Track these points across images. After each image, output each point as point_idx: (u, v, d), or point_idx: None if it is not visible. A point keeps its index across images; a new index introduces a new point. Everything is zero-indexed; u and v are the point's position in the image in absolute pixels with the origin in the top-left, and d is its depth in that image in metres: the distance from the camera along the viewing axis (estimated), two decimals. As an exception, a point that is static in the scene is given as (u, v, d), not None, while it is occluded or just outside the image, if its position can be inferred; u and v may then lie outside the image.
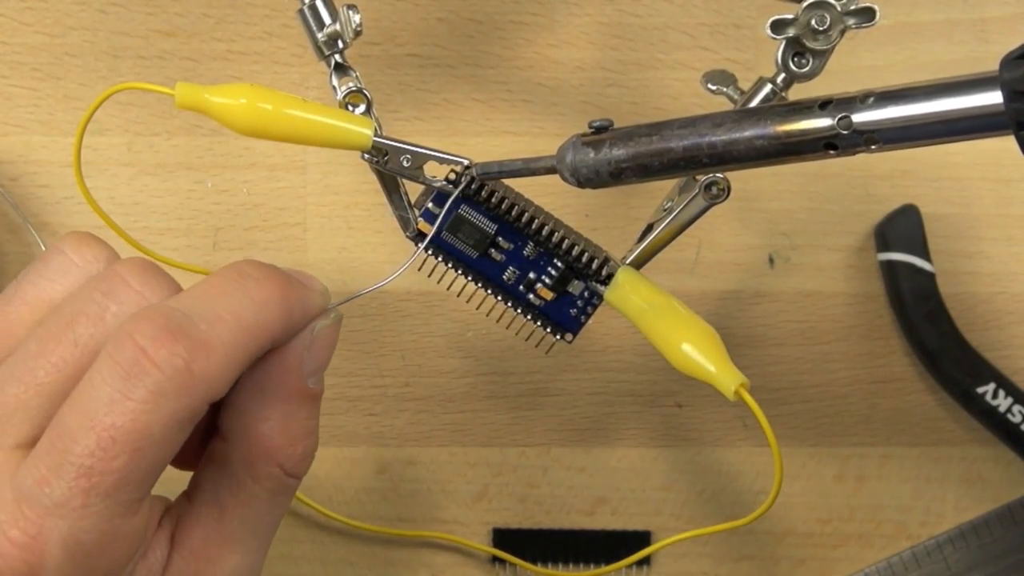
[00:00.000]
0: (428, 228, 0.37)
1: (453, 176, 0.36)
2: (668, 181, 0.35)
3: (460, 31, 0.46)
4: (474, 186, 0.36)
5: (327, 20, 0.36)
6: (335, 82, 0.36)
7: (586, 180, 0.33)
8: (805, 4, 0.33)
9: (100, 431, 0.27)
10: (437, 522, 0.46)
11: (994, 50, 0.46)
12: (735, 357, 0.35)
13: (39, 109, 0.45)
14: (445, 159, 0.36)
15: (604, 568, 0.45)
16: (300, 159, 0.46)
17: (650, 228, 0.37)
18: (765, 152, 0.31)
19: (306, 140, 0.34)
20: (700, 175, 0.35)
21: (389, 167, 0.36)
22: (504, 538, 0.46)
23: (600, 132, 0.33)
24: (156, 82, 0.35)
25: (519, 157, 0.35)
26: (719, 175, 0.35)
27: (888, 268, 0.45)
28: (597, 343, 0.46)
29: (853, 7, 0.33)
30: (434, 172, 0.36)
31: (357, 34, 0.36)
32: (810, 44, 0.33)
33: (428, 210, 0.37)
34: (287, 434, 0.31)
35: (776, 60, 0.34)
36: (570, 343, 0.38)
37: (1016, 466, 0.46)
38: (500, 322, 0.38)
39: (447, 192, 0.36)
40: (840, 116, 0.30)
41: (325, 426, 0.33)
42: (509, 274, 0.37)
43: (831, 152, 0.30)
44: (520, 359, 0.46)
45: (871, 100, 0.30)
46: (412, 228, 0.37)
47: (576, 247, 0.37)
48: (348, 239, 0.46)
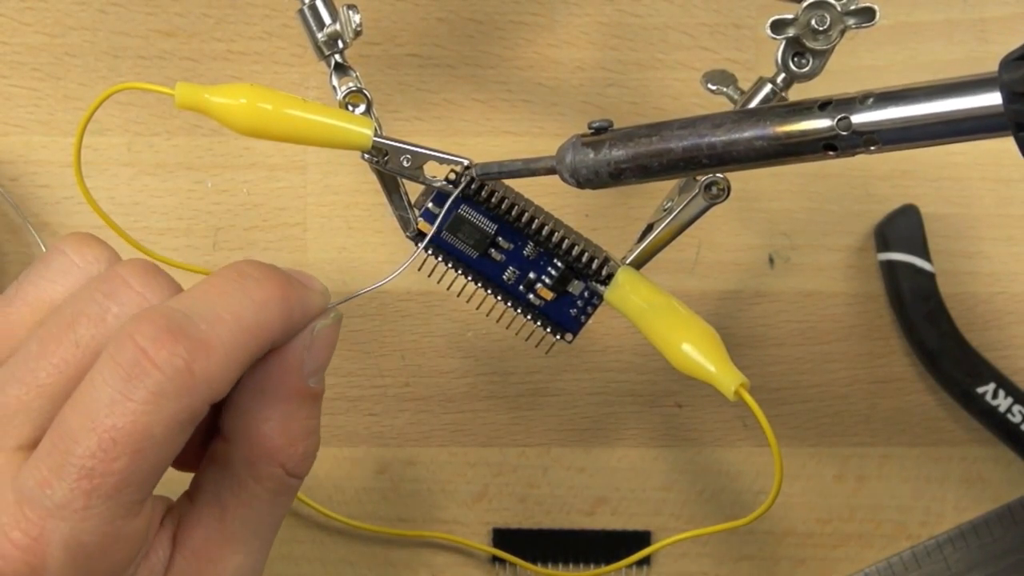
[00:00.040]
0: (428, 228, 0.37)
1: (453, 176, 0.36)
2: (668, 181, 0.35)
3: (460, 31, 0.46)
4: (474, 186, 0.36)
5: (327, 20, 0.36)
6: (335, 82, 0.36)
7: (586, 181, 0.33)
8: (805, 4, 0.33)
9: (101, 432, 0.27)
10: (437, 522, 0.46)
11: (994, 50, 0.46)
12: (735, 357, 0.35)
13: (39, 109, 0.45)
14: (445, 159, 0.36)
15: (604, 568, 0.45)
16: (300, 159, 0.46)
17: (650, 228, 0.37)
18: (764, 153, 0.31)
19: (306, 140, 0.34)
20: (700, 175, 0.35)
21: (389, 167, 0.36)
22: (504, 538, 0.46)
23: (600, 133, 0.33)
24: (156, 82, 0.35)
25: (519, 157, 0.35)
26: (719, 175, 0.35)
27: (888, 268, 0.45)
28: (597, 343, 0.46)
29: (853, 7, 0.33)
30: (434, 172, 0.36)
31: (357, 34, 0.36)
32: (810, 44, 0.33)
33: (428, 210, 0.37)
34: (288, 434, 0.31)
35: (776, 60, 0.34)
36: (570, 343, 0.38)
37: (1016, 466, 0.46)
38: (500, 322, 0.38)
39: (447, 192, 0.36)
40: (839, 117, 0.30)
41: (325, 426, 0.33)
42: (509, 274, 0.37)
43: (830, 153, 0.30)
44: (520, 359, 0.46)
45: (870, 101, 0.30)
46: (412, 228, 0.37)
47: (576, 247, 0.37)
48: (348, 239, 0.46)
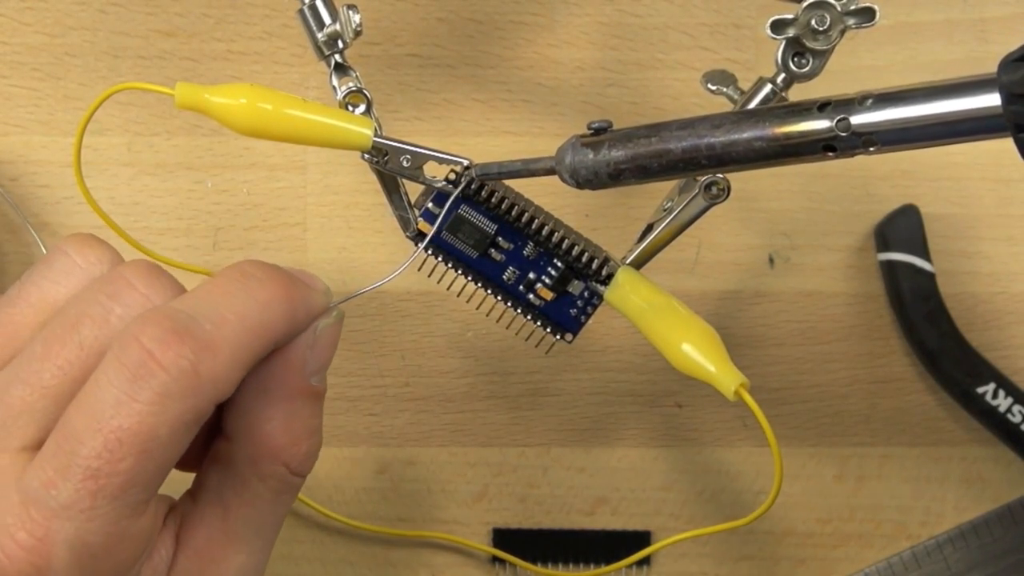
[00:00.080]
0: (428, 228, 0.37)
1: (453, 176, 0.36)
2: (668, 181, 0.35)
3: (460, 31, 0.46)
4: (474, 186, 0.36)
5: (327, 20, 0.36)
6: (335, 82, 0.36)
7: (585, 181, 0.33)
8: (805, 4, 0.33)
9: (107, 433, 0.27)
10: (437, 522, 0.46)
11: (994, 50, 0.46)
12: (735, 357, 0.35)
13: (39, 109, 0.45)
14: (445, 159, 0.36)
15: (604, 568, 0.45)
16: (300, 159, 0.46)
17: (650, 228, 0.37)
18: (764, 154, 0.31)
19: (306, 140, 0.34)
20: (699, 176, 0.35)
21: (389, 167, 0.36)
22: (504, 538, 0.46)
23: (599, 133, 0.33)
24: (156, 82, 0.35)
25: (519, 158, 0.35)
26: (719, 175, 0.35)
27: (888, 268, 0.45)
28: (597, 343, 0.46)
29: (853, 7, 0.33)
30: (434, 172, 0.36)
31: (357, 34, 0.36)
32: (810, 44, 0.33)
33: (428, 210, 0.37)
34: (291, 433, 0.31)
35: (776, 60, 0.34)
36: (570, 343, 0.38)
37: (1016, 466, 0.46)
38: (500, 322, 0.38)
39: (447, 192, 0.36)
40: (838, 118, 0.30)
41: (325, 426, 0.33)
42: (509, 274, 0.37)
43: (830, 154, 0.30)
44: (520, 359, 0.46)
45: (869, 102, 0.30)
46: (412, 228, 0.37)
47: (576, 247, 0.37)
48: (348, 239, 0.46)
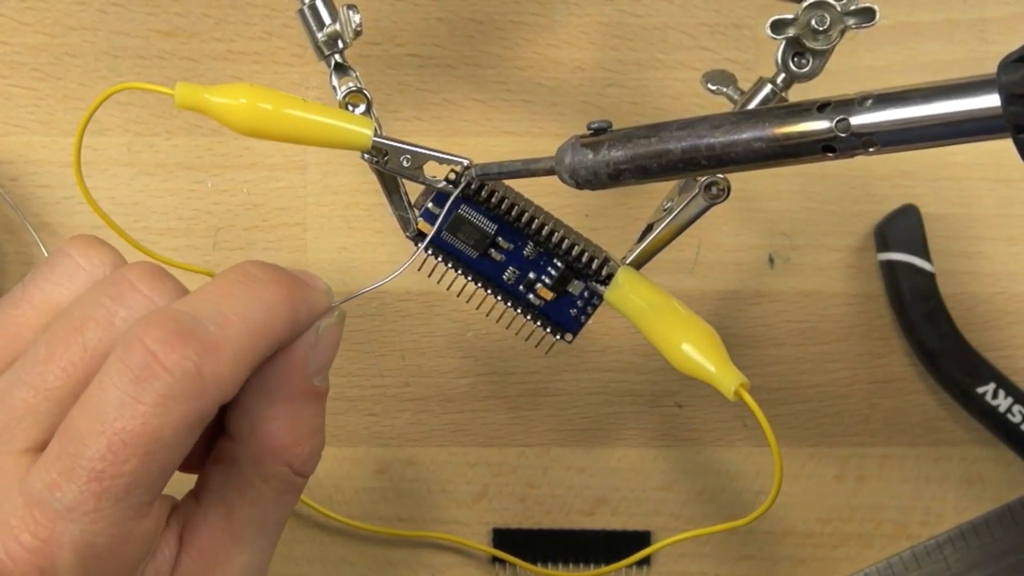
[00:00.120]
0: (428, 228, 0.37)
1: (453, 176, 0.36)
2: (668, 181, 0.35)
3: (460, 31, 0.46)
4: (474, 186, 0.36)
5: (327, 20, 0.36)
6: (335, 82, 0.36)
7: (585, 181, 0.33)
8: (805, 4, 0.33)
9: (111, 435, 0.27)
10: (437, 522, 0.46)
11: (994, 50, 0.46)
12: (735, 357, 0.35)
13: (39, 109, 0.45)
14: (445, 159, 0.36)
15: (604, 568, 0.45)
16: (300, 159, 0.46)
17: (650, 228, 0.37)
18: (763, 154, 0.31)
19: (306, 140, 0.34)
20: (699, 176, 0.35)
21: (389, 167, 0.36)
22: (504, 538, 0.46)
23: (599, 133, 0.33)
24: (156, 82, 0.35)
25: (518, 158, 0.35)
26: (719, 175, 0.35)
27: (888, 268, 0.45)
28: (597, 343, 0.46)
29: (853, 7, 0.33)
30: (434, 172, 0.36)
31: (357, 34, 0.36)
32: (810, 44, 0.33)
33: (428, 210, 0.37)
34: (294, 433, 0.31)
35: (776, 60, 0.34)
36: (570, 343, 0.38)
37: (1016, 466, 0.46)
38: (500, 322, 0.38)
39: (447, 192, 0.36)
40: (838, 119, 0.30)
41: (325, 426, 0.33)
42: (509, 274, 0.37)
43: (829, 155, 0.30)
44: (520, 359, 0.46)
45: (869, 103, 0.30)
46: (412, 228, 0.37)
47: (576, 247, 0.37)
48: (348, 239, 0.46)
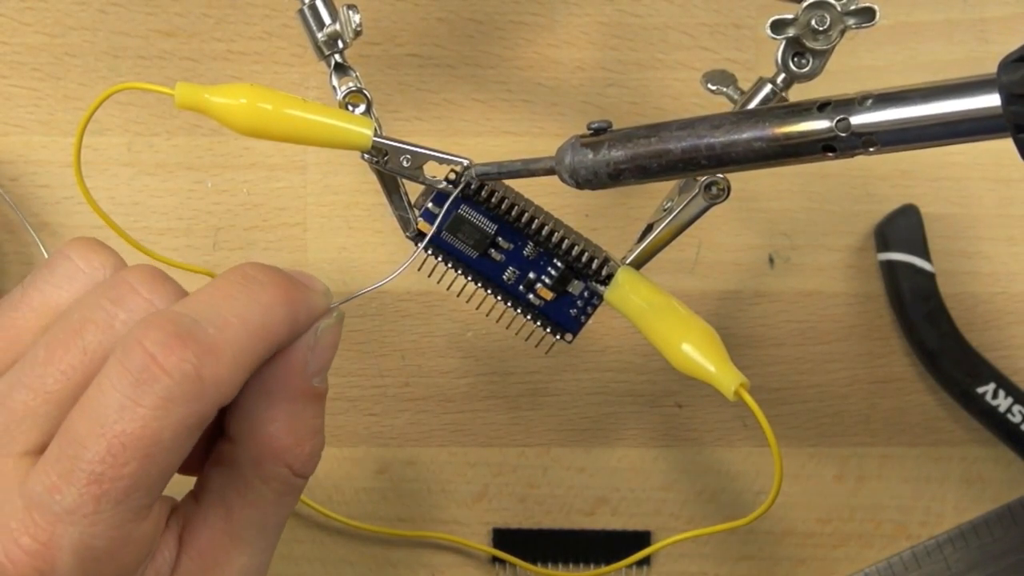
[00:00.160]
0: (428, 228, 0.37)
1: (453, 176, 0.36)
2: (668, 181, 0.35)
3: (460, 31, 0.46)
4: (474, 186, 0.36)
5: (327, 20, 0.36)
6: (335, 82, 0.36)
7: (585, 181, 0.33)
8: (805, 4, 0.33)
9: (110, 438, 0.27)
10: (437, 522, 0.46)
11: (994, 50, 0.46)
12: (735, 357, 0.35)
13: (39, 109, 0.45)
14: (445, 159, 0.36)
15: (604, 568, 0.45)
16: (300, 159, 0.46)
17: (650, 228, 0.37)
18: (763, 154, 0.31)
19: (306, 140, 0.34)
20: (699, 176, 0.35)
21: (389, 167, 0.36)
22: (504, 538, 0.46)
23: (599, 133, 0.33)
24: (156, 82, 0.35)
25: (518, 158, 0.35)
26: (719, 175, 0.35)
27: (888, 268, 0.45)
28: (597, 343, 0.46)
29: (853, 7, 0.33)
30: (434, 172, 0.36)
31: (357, 34, 0.36)
32: (810, 44, 0.33)
33: (428, 210, 0.37)
34: (294, 434, 0.31)
35: (776, 60, 0.34)
36: (570, 343, 0.38)
37: (1016, 466, 0.46)
38: (500, 322, 0.38)
39: (447, 192, 0.36)
40: (838, 118, 0.30)
41: (325, 426, 0.33)
42: (509, 274, 0.37)
43: (829, 154, 0.30)
44: (520, 359, 0.46)
45: (869, 102, 0.30)
46: (412, 228, 0.37)
47: (576, 247, 0.37)
48: (348, 239, 0.46)
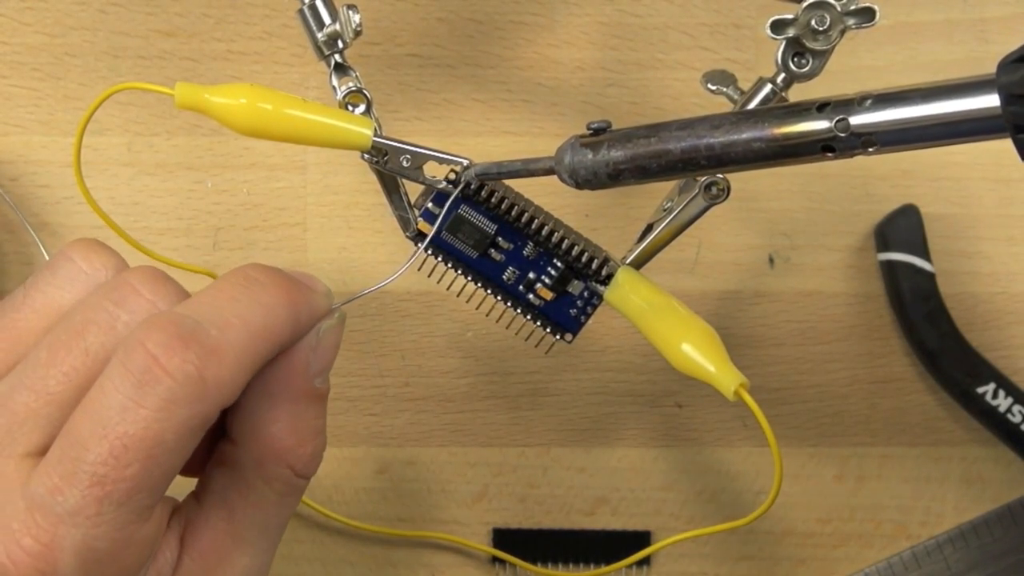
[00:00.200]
0: (428, 228, 0.37)
1: (453, 176, 0.36)
2: (668, 181, 0.35)
3: (460, 31, 0.46)
4: (474, 186, 0.36)
5: (327, 20, 0.36)
6: (335, 82, 0.36)
7: (584, 181, 0.33)
8: (805, 4, 0.33)
9: (113, 439, 0.27)
10: (437, 522, 0.46)
11: (994, 50, 0.46)
12: (735, 357, 0.35)
13: (39, 109, 0.45)
14: (445, 159, 0.36)
15: (604, 568, 0.45)
16: (300, 159, 0.46)
17: (650, 228, 0.37)
18: (763, 154, 0.31)
19: (306, 140, 0.34)
20: (699, 176, 0.35)
21: (389, 167, 0.36)
22: (504, 538, 0.46)
23: (598, 133, 0.33)
24: (156, 82, 0.35)
25: (518, 158, 0.35)
26: (719, 175, 0.35)
27: (888, 268, 0.45)
28: (597, 343, 0.46)
29: (853, 7, 0.33)
30: (434, 172, 0.36)
31: (357, 34, 0.36)
32: (810, 44, 0.33)
33: (428, 210, 0.37)
34: (296, 435, 0.31)
35: (776, 60, 0.34)
36: (570, 343, 0.38)
37: (1016, 466, 0.46)
38: (500, 322, 0.38)
39: (447, 192, 0.36)
40: (837, 119, 0.30)
41: (326, 426, 0.33)
42: (509, 274, 0.37)
43: (829, 155, 0.30)
44: (520, 359, 0.46)
45: (868, 103, 0.30)
46: (412, 228, 0.37)
47: (576, 247, 0.37)
48: (348, 239, 0.46)
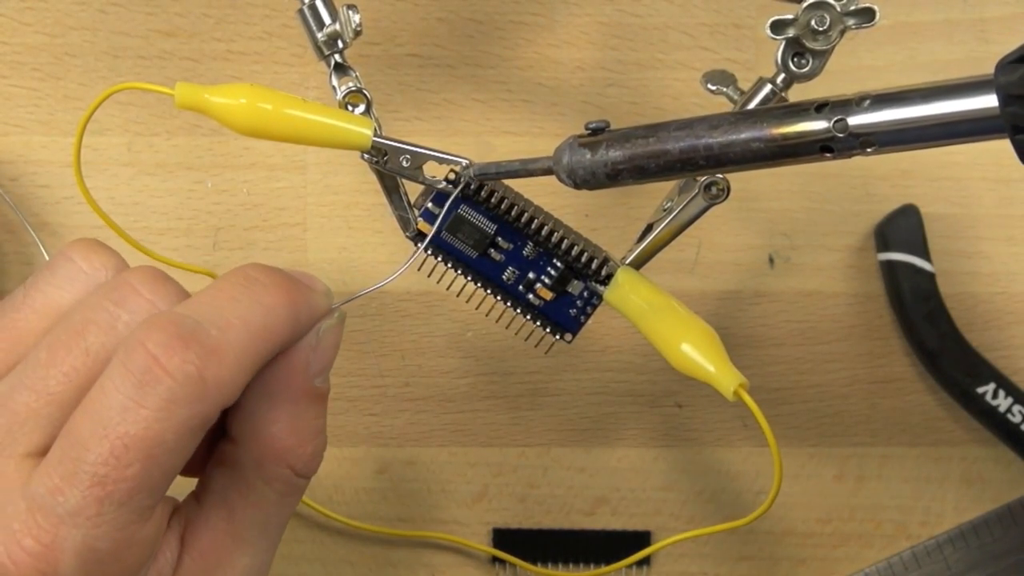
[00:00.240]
0: (428, 228, 0.37)
1: (453, 176, 0.36)
2: (668, 181, 0.35)
3: (460, 31, 0.46)
4: (473, 186, 0.36)
5: (327, 20, 0.36)
6: (335, 82, 0.36)
7: (582, 182, 0.33)
8: (805, 4, 0.33)
9: (113, 439, 0.27)
10: (437, 522, 0.46)
11: (994, 50, 0.46)
12: (735, 357, 0.35)
13: (39, 109, 0.45)
14: (445, 159, 0.36)
15: (604, 568, 0.45)
16: (300, 159, 0.46)
17: (650, 228, 0.37)
18: (761, 154, 0.31)
19: (306, 140, 0.34)
20: (698, 176, 0.35)
21: (389, 167, 0.36)
22: (504, 538, 0.46)
23: (597, 133, 0.33)
24: (156, 82, 0.35)
25: (517, 158, 0.35)
26: (718, 175, 0.35)
27: (888, 268, 0.45)
28: (597, 343, 0.46)
29: (853, 7, 0.33)
30: (434, 172, 0.36)
31: (357, 34, 0.36)
32: (810, 44, 0.33)
33: (428, 210, 0.37)
34: (297, 435, 0.31)
35: (776, 60, 0.34)
36: (570, 343, 0.38)
37: (1016, 466, 0.46)
38: (500, 322, 0.38)
39: (447, 192, 0.36)
40: (836, 119, 0.30)
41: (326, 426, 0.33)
42: (509, 274, 0.37)
43: (827, 155, 0.30)
44: (520, 359, 0.46)
45: (867, 103, 0.30)
46: (412, 228, 0.37)
47: (576, 247, 0.37)
48: (348, 239, 0.46)
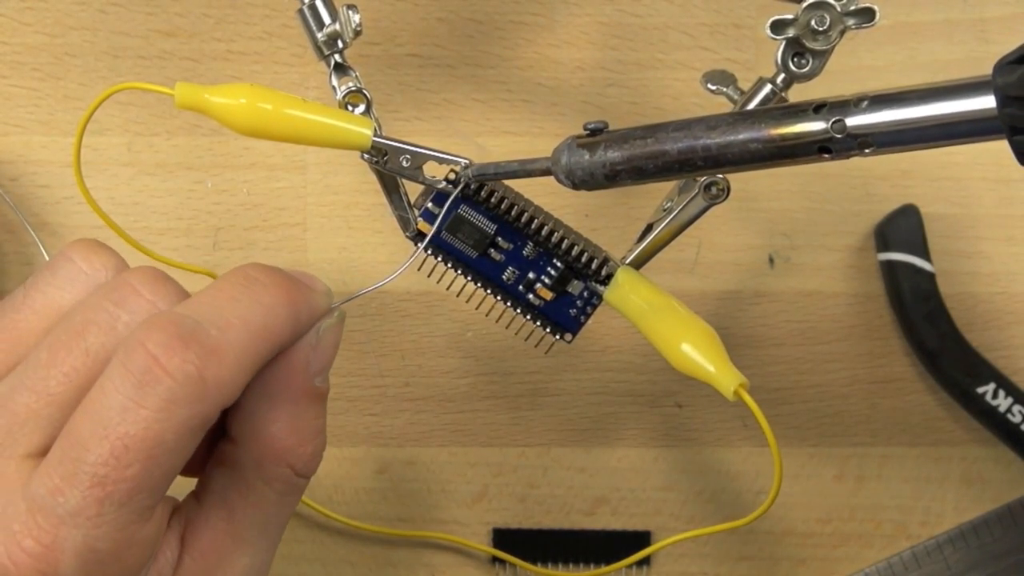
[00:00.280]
0: (428, 228, 0.37)
1: (453, 176, 0.36)
2: (667, 181, 0.35)
3: (460, 31, 0.46)
4: (473, 186, 0.36)
5: (327, 20, 0.36)
6: (335, 82, 0.36)
7: (581, 182, 0.33)
8: (805, 4, 0.33)
9: (113, 440, 0.27)
10: (437, 522, 0.46)
11: (994, 50, 0.46)
12: (735, 357, 0.35)
13: (39, 109, 0.45)
14: (444, 159, 0.36)
15: (604, 568, 0.45)
16: (300, 159, 0.46)
17: (650, 228, 0.37)
18: (759, 155, 0.31)
19: (306, 140, 0.34)
20: (696, 177, 0.35)
21: (389, 167, 0.36)
22: (504, 538, 0.46)
23: (595, 134, 0.33)
24: (156, 82, 0.35)
25: (516, 158, 0.35)
26: (718, 175, 0.35)
27: (888, 268, 0.45)
28: (597, 343, 0.46)
29: (853, 7, 0.33)
30: (434, 172, 0.36)
31: (357, 34, 0.36)
32: (810, 44, 0.33)
33: (428, 210, 0.37)
34: (296, 434, 0.31)
35: (776, 60, 0.34)
36: (570, 343, 0.38)
37: (1016, 466, 0.46)
38: (500, 322, 0.38)
39: (447, 192, 0.36)
40: (834, 120, 0.30)
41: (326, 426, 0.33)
42: (509, 274, 0.37)
43: (825, 156, 0.30)
44: (520, 359, 0.46)
45: (865, 104, 0.29)
46: (412, 228, 0.37)
47: (576, 247, 0.37)
48: (348, 239, 0.46)
